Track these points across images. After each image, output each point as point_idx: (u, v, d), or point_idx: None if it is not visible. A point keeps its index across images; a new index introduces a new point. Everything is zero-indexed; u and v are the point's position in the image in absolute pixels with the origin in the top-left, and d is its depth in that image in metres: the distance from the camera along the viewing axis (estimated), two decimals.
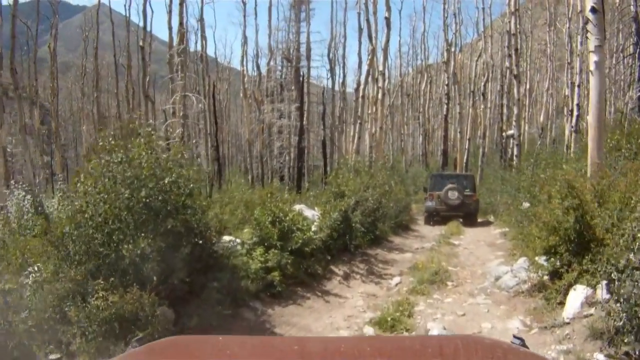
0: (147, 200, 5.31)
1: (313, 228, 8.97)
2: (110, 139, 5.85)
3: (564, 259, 7.12)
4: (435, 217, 16.55)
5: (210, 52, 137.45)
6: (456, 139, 32.64)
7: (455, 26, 31.58)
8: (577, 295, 6.51)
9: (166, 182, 5.61)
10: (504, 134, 25.27)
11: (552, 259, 7.44)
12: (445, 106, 33.11)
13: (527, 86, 36.04)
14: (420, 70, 42.20)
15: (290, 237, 7.72)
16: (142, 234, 5.04)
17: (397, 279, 9.06)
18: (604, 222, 6.59)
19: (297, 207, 11.38)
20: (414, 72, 45.17)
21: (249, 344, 1.90)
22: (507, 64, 27.01)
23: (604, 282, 5.81)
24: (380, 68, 24.33)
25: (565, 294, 7.08)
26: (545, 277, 7.73)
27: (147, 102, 22.00)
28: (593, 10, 8.84)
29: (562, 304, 7.12)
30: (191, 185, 5.99)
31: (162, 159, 5.88)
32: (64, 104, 49.79)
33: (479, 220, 18.66)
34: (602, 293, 5.84)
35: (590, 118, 9.23)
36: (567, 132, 29.04)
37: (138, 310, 4.60)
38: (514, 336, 1.74)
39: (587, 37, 9.58)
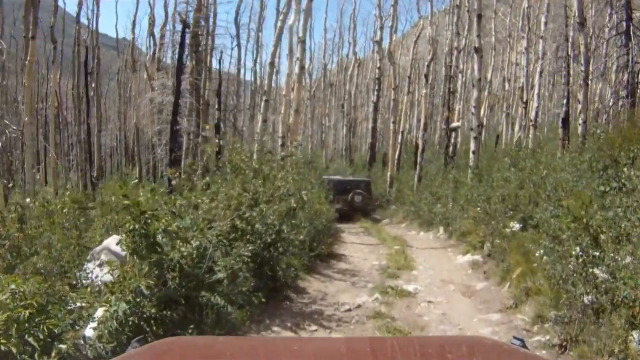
0: None
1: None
2: None
3: None
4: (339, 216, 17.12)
5: (111, 26, 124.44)
6: (388, 131, 27.69)
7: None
8: None
9: None
10: (451, 125, 20.51)
11: None
12: (376, 93, 28.11)
13: (464, 79, 31.75)
14: (348, 54, 37.17)
15: None
16: None
17: None
18: None
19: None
20: (339, 59, 40.13)
21: (248, 345, 1.88)
22: (455, 43, 22.35)
23: None
24: (300, 34, 18.77)
25: None
26: None
27: None
28: None
29: None
30: None
31: None
32: None
33: (421, 232, 15.35)
34: None
35: None
36: (516, 127, 25.15)
37: None
38: (514, 337, 1.72)
39: None
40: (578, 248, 5.78)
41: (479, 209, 11.33)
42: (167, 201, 3.85)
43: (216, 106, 20.08)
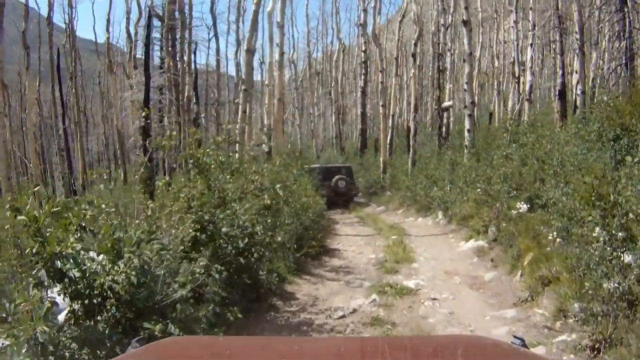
0: None
1: None
2: None
3: None
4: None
5: (90, 30, 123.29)
6: (378, 115, 26.82)
7: None
8: None
9: None
10: (443, 105, 19.66)
11: None
12: (363, 78, 27.23)
13: (452, 57, 30.83)
14: (332, 40, 36.20)
15: None
16: None
17: None
18: None
19: None
20: (324, 47, 39.13)
21: (249, 345, 1.85)
22: (441, 20, 21.44)
23: None
24: (278, 19, 17.88)
25: None
26: None
27: None
28: None
29: None
30: None
31: None
32: None
33: (419, 218, 14.53)
34: None
35: None
36: (509, 104, 24.31)
37: None
38: (514, 336, 1.66)
39: None
40: (598, 229, 4.97)
41: (479, 190, 10.57)
42: (74, 212, 2.98)
43: (194, 100, 19.09)
